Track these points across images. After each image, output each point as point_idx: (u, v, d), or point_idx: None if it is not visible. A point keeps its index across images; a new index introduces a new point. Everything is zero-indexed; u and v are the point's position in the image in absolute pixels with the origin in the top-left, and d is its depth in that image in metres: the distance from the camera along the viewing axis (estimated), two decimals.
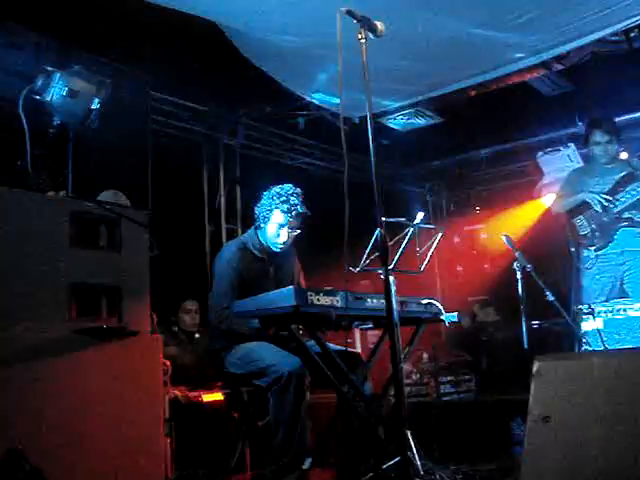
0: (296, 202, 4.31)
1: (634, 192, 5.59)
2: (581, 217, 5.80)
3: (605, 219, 5.67)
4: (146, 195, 4.63)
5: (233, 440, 4.56)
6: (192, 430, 4.82)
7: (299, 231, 4.38)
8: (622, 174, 5.73)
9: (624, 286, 5.66)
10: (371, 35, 3.30)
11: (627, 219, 5.65)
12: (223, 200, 7.14)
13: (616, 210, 5.63)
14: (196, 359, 5.59)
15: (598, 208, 5.65)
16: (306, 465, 3.78)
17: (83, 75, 4.17)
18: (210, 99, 6.78)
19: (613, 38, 5.86)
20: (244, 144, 7.40)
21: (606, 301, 5.42)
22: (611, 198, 5.62)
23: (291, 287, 3.39)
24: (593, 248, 5.72)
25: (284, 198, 4.30)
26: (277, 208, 4.31)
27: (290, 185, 4.39)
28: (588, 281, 5.78)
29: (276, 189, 4.38)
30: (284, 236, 4.33)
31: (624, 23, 5.51)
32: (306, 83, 6.39)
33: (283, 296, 3.37)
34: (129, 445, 4.12)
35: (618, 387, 2.12)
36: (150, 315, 4.46)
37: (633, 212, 5.65)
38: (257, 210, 4.43)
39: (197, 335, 6.07)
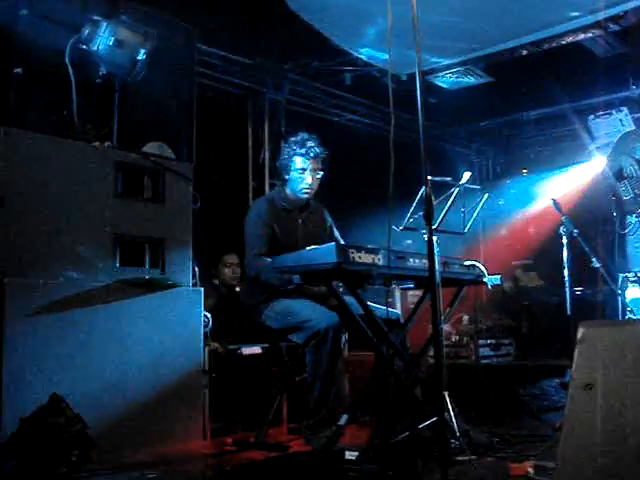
0: (312, 144, 4.35)
1: None
2: (625, 182, 5.68)
3: None
4: (191, 148, 4.64)
5: (271, 394, 4.60)
6: (230, 382, 4.87)
7: (322, 173, 4.42)
8: None
9: None
10: None
11: None
12: (267, 155, 7.11)
13: None
14: (236, 312, 5.63)
15: (631, 173, 5.51)
16: (342, 421, 3.80)
17: (129, 25, 4.16)
18: (257, 53, 6.73)
19: None
20: (289, 99, 7.35)
21: None
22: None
23: (333, 244, 3.37)
24: (636, 214, 5.61)
25: (300, 144, 4.36)
26: (295, 154, 4.35)
27: (304, 132, 4.45)
28: (631, 248, 5.67)
29: (291, 138, 4.45)
30: (308, 179, 4.36)
31: None
32: (354, 38, 6.31)
33: (324, 252, 3.35)
34: (168, 395, 4.20)
35: None
36: (192, 267, 4.51)
37: None
38: (278, 163, 4.50)
39: (237, 289, 6.11)
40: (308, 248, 3.53)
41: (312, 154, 4.35)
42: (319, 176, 4.43)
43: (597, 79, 7.31)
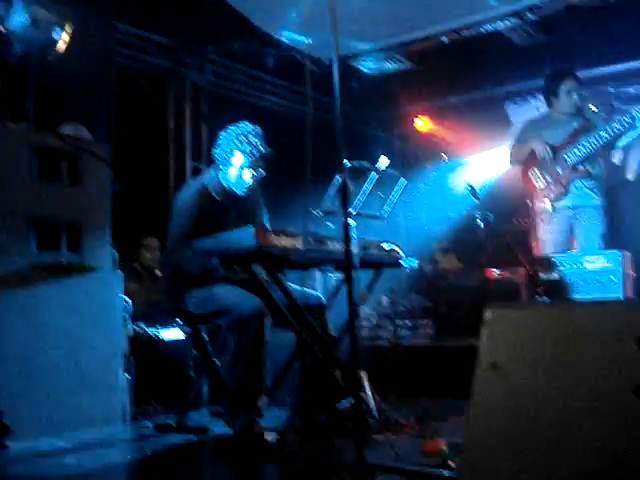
0: (257, 141, 4.08)
1: (588, 145, 5.58)
2: (535, 169, 5.80)
3: (559, 171, 5.68)
4: (109, 129, 4.57)
5: (192, 377, 4.60)
6: (151, 366, 4.85)
7: (264, 172, 4.17)
8: (576, 126, 5.73)
9: (577, 239, 5.72)
10: None
11: (581, 172, 5.67)
12: (189, 137, 7.05)
13: (570, 162, 5.65)
14: (157, 296, 5.59)
15: (545, 158, 5.66)
16: (262, 403, 3.83)
17: (45, 4, 4.06)
18: (178, 34, 6.64)
19: None
20: (211, 81, 7.28)
21: (562, 253, 5.51)
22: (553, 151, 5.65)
23: (251, 226, 3.38)
24: (548, 200, 5.73)
25: (243, 138, 4.07)
26: (237, 149, 4.08)
27: (247, 123, 4.15)
28: (543, 233, 5.81)
29: (233, 129, 4.13)
30: (248, 178, 4.13)
31: None
32: (276, 21, 6.29)
33: (243, 236, 3.37)
34: (88, 379, 4.16)
35: (567, 337, 2.17)
36: (111, 251, 4.46)
37: (587, 165, 5.67)
38: (216, 152, 4.18)
39: (158, 272, 6.06)
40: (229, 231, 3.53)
41: (256, 153, 4.07)
42: (259, 175, 4.16)
43: (516, 67, 7.48)
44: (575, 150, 5.62)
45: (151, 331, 4.88)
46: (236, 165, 4.11)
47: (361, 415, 3.34)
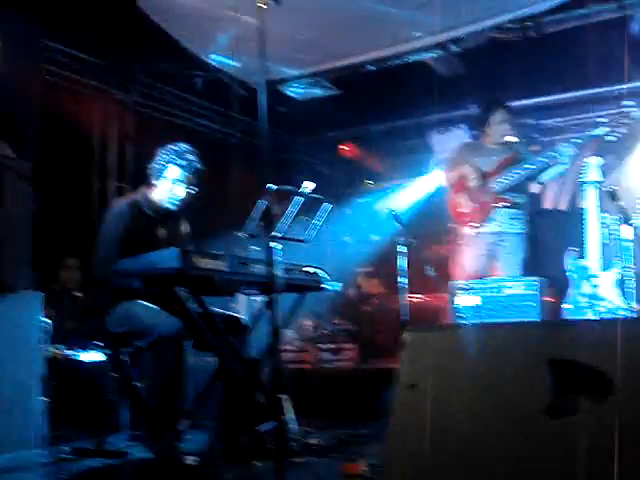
0: (193, 158, 4.20)
1: (515, 174, 5.79)
2: (463, 195, 5.96)
3: (485, 198, 5.85)
4: (33, 147, 4.48)
5: (111, 401, 4.52)
6: (70, 390, 4.74)
7: (196, 189, 4.26)
8: (505, 156, 5.94)
9: (498, 265, 5.88)
10: (272, 1, 3.29)
11: (507, 200, 5.86)
12: (113, 157, 6.97)
13: (496, 190, 5.83)
14: (77, 318, 5.48)
15: (474, 183, 5.84)
16: (183, 427, 3.80)
17: None
18: (106, 53, 6.59)
19: (509, 26, 6.04)
20: (138, 101, 7.23)
21: (483, 278, 5.65)
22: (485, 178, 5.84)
23: (175, 248, 3.37)
24: (472, 226, 5.88)
25: (180, 153, 4.17)
26: (172, 163, 4.17)
27: (184, 143, 4.27)
28: (467, 258, 5.96)
29: (171, 145, 4.23)
30: (180, 192, 4.19)
31: (520, 12, 5.71)
32: (204, 43, 6.31)
33: (167, 257, 3.34)
34: (4, 402, 4.04)
35: (483, 358, 2.23)
36: (30, 271, 4.35)
37: (512, 194, 5.87)
38: (151, 167, 4.25)
39: (78, 293, 5.94)
40: (152, 252, 3.50)
41: (192, 168, 4.18)
42: (192, 192, 4.25)
43: (439, 97, 7.66)
44: (502, 179, 5.81)
45: (70, 353, 4.77)
46: (170, 179, 4.17)
47: (282, 438, 3.35)
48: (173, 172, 4.17)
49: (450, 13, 5.71)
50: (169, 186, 4.19)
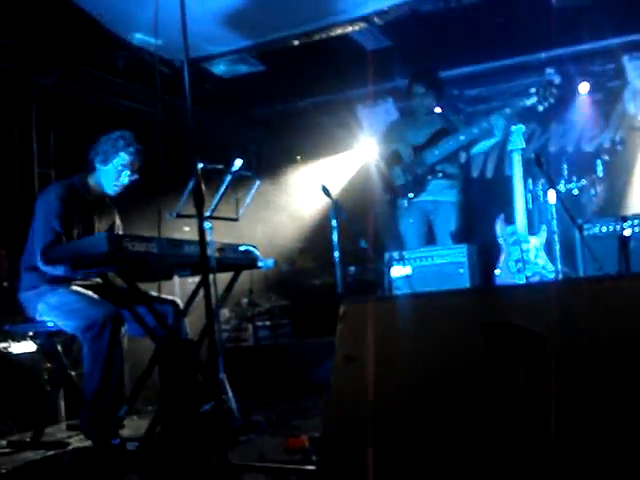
0: (140, 147, 4.28)
1: (447, 146, 5.89)
2: (397, 168, 6.04)
3: (419, 170, 5.94)
4: None
5: (46, 391, 4.44)
6: (3, 382, 4.63)
7: (138, 176, 4.31)
8: (437, 128, 6.03)
9: (433, 234, 6.00)
10: None
11: (439, 171, 5.96)
12: (35, 144, 6.77)
13: (430, 162, 5.92)
14: (5, 308, 5.34)
15: (407, 159, 5.93)
16: (122, 413, 3.77)
17: None
18: (23, 36, 6.36)
19: None
20: (59, 84, 7.02)
21: (418, 248, 5.74)
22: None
23: (104, 233, 3.33)
24: (407, 197, 5.97)
25: (129, 141, 4.25)
26: (123, 150, 4.22)
27: (127, 131, 4.34)
28: (402, 228, 6.06)
29: (118, 133, 4.29)
30: (125, 178, 4.25)
31: None
32: (126, 22, 6.16)
33: (96, 242, 3.30)
34: None
35: (417, 327, 2.26)
36: None
37: (445, 165, 5.97)
38: (96, 152, 4.28)
39: (5, 283, 5.78)
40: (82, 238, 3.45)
41: (138, 155, 4.26)
42: (134, 178, 4.31)
43: (365, 70, 7.66)
44: (435, 151, 5.89)
45: (0, 345, 4.65)
46: (118, 164, 4.22)
47: (223, 418, 3.35)
48: (123, 159, 4.22)
49: None
50: (115, 172, 4.24)
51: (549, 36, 6.85)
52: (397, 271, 5.37)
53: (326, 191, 5.21)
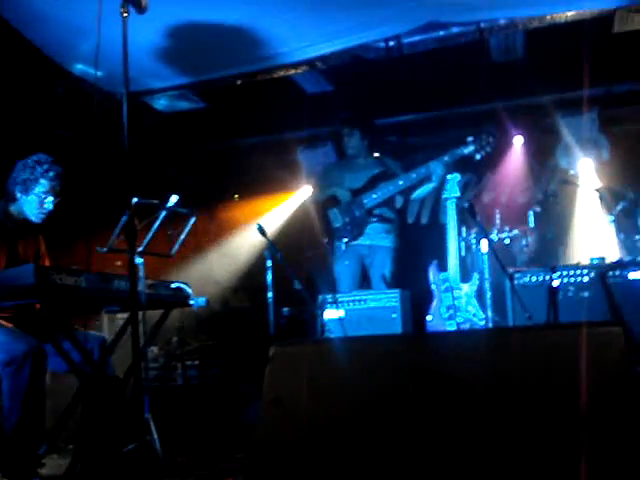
0: (58, 169, 4.18)
1: (386, 190, 5.97)
2: (335, 210, 6.08)
3: (357, 213, 5.99)
4: None
5: None
6: None
7: (60, 198, 4.22)
8: (376, 172, 6.11)
9: (367, 278, 6.04)
10: (134, 10, 3.24)
11: (377, 215, 6.03)
12: None
13: (368, 206, 5.98)
14: None
15: (345, 202, 5.98)
16: (41, 451, 3.64)
17: None
18: None
19: (374, 45, 6.17)
20: None
21: (352, 291, 5.76)
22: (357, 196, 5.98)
23: (31, 264, 3.24)
24: (344, 240, 6.01)
25: (47, 166, 4.14)
26: (42, 177, 4.12)
27: (46, 155, 4.22)
28: (338, 271, 6.09)
29: (34, 158, 4.17)
30: (49, 204, 4.17)
31: (382, 32, 5.86)
32: (68, 52, 6.10)
33: (22, 274, 3.21)
34: None
35: (345, 370, 2.26)
36: None
37: (383, 209, 6.04)
38: (15, 182, 4.16)
39: None
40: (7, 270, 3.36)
41: (59, 179, 4.18)
42: (57, 200, 4.22)
43: (306, 113, 7.74)
44: (373, 194, 5.96)
45: None
46: (39, 192, 4.12)
47: (147, 459, 3.27)
48: (43, 185, 4.13)
49: (317, 31, 5.79)
50: (38, 199, 4.14)
51: (487, 89, 7.07)
52: (330, 314, 5.38)
53: (262, 231, 5.21)
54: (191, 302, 4.22)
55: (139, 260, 3.32)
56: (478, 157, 5.78)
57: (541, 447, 1.95)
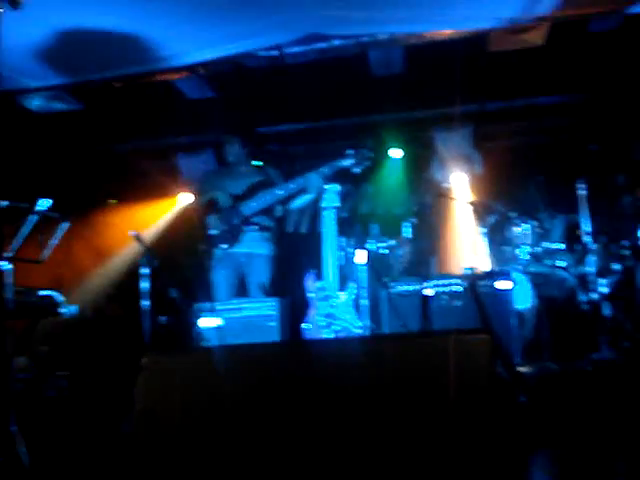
0: None
1: (264, 199, 5.99)
2: (212, 217, 6.04)
3: (235, 221, 5.98)
4: None
5: None
6: None
7: None
8: (256, 180, 6.12)
9: (245, 286, 6.03)
10: (9, 6, 3.12)
11: (255, 223, 6.04)
12: None
13: (246, 214, 5.98)
14: None
15: (225, 207, 5.96)
16: None
17: None
18: None
19: (257, 54, 6.19)
20: None
21: (230, 299, 5.74)
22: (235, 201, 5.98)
23: None
24: (222, 247, 5.98)
25: None
26: None
27: None
28: (215, 279, 6.05)
29: None
30: None
31: (264, 41, 5.89)
32: None
33: None
34: None
35: (214, 380, 2.25)
36: None
37: (262, 217, 6.06)
38: None
39: None
40: None
41: None
42: None
43: (187, 119, 7.66)
44: (252, 203, 5.96)
45: None
46: None
47: (14, 473, 3.14)
48: None
49: (199, 37, 5.75)
50: None
51: (367, 102, 7.22)
52: (206, 322, 5.34)
53: (138, 238, 5.11)
54: (62, 310, 4.09)
55: (7, 266, 3.18)
56: (357, 170, 5.88)
57: (413, 444, 2.01)
